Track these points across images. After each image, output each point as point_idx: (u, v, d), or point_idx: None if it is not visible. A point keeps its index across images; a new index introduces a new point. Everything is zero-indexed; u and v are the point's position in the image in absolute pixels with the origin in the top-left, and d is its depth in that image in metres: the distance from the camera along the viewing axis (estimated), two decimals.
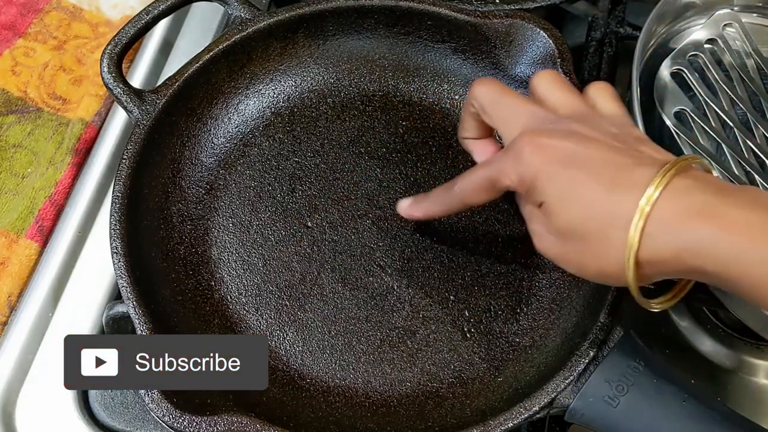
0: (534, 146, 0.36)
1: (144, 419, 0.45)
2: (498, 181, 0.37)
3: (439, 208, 0.43)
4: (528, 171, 0.35)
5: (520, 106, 0.39)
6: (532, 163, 0.35)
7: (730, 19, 0.53)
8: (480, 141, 0.44)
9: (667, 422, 0.37)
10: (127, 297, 0.40)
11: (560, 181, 0.35)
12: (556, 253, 0.37)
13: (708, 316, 0.53)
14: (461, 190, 0.40)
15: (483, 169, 0.39)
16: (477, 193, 0.39)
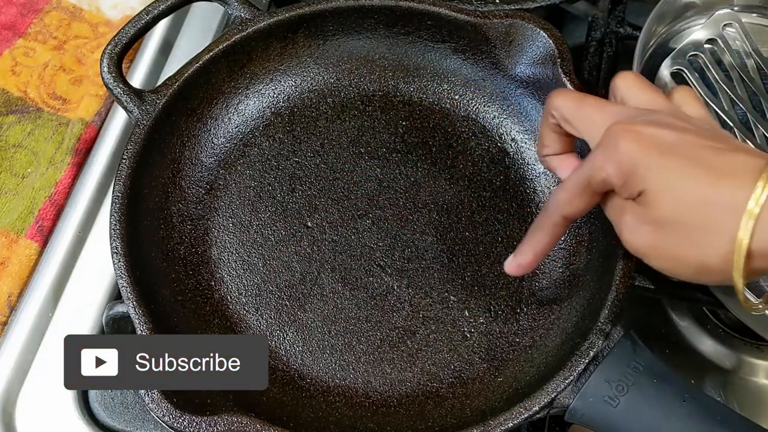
0: (630, 134, 0.34)
1: (144, 419, 0.45)
2: (593, 179, 0.36)
3: (542, 238, 0.40)
4: (626, 159, 0.34)
5: (605, 108, 0.38)
6: (630, 151, 0.34)
7: (730, 19, 0.53)
8: (562, 156, 0.42)
9: (667, 422, 0.37)
10: (127, 297, 0.40)
11: (662, 168, 0.33)
12: (650, 246, 0.35)
13: (708, 316, 0.53)
14: (556, 204, 0.39)
15: (575, 173, 0.37)
16: (573, 201, 0.38)
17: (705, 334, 0.52)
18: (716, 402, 0.38)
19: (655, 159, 0.34)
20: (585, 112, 0.38)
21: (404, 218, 0.48)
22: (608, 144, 0.35)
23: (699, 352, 0.52)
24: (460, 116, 0.51)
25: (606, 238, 0.44)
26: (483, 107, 0.51)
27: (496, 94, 0.51)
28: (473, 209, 0.49)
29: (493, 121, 0.51)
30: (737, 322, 0.51)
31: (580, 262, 0.46)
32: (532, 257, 0.41)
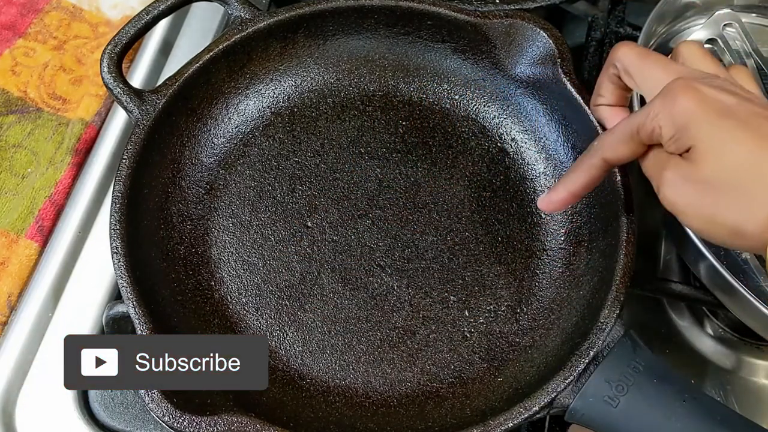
0: (692, 91, 0.35)
1: (144, 419, 0.45)
2: (644, 127, 0.36)
3: (579, 177, 0.41)
4: (681, 113, 0.34)
5: (669, 65, 0.38)
6: (688, 107, 0.34)
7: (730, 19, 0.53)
8: (614, 108, 0.43)
9: (667, 422, 0.37)
10: (127, 297, 0.40)
11: (716, 128, 0.34)
12: (688, 203, 0.35)
13: (708, 316, 0.53)
14: (600, 146, 0.39)
15: (626, 119, 0.38)
16: (618, 146, 0.38)
17: (705, 334, 0.52)
18: (716, 402, 0.38)
19: (712, 118, 0.34)
20: (647, 66, 0.38)
21: (404, 218, 0.48)
22: (668, 96, 0.35)
23: (699, 352, 0.52)
24: (460, 116, 0.51)
25: (606, 238, 0.44)
26: (483, 107, 0.51)
27: (496, 94, 0.51)
28: (473, 209, 0.49)
29: (493, 121, 0.51)
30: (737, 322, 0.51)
31: (580, 262, 0.46)
32: (565, 194, 0.41)
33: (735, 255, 0.47)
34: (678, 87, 0.35)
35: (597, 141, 0.40)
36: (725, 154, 0.33)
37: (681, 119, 0.34)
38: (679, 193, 0.35)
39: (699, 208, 0.34)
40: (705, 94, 0.35)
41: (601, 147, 0.39)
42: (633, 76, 0.39)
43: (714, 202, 0.34)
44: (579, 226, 0.47)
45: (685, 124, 0.34)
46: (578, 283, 0.45)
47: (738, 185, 0.33)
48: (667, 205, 0.36)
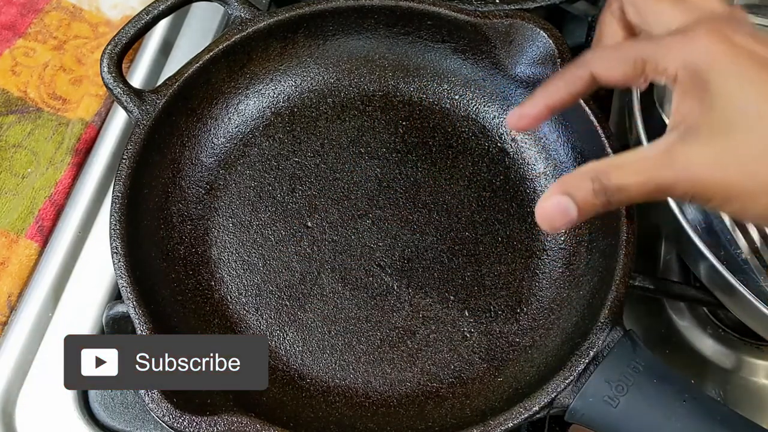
0: (720, 36, 0.31)
1: (144, 419, 0.45)
2: (654, 60, 0.32)
3: (559, 88, 0.35)
4: (703, 59, 0.31)
5: (683, 1, 0.34)
6: (713, 53, 0.30)
7: None
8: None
9: (667, 422, 0.37)
10: (127, 297, 0.40)
11: (746, 79, 0.30)
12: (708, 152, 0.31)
13: (708, 316, 0.53)
14: (592, 57, 0.34)
15: (635, 42, 0.33)
16: (614, 64, 0.33)
17: (705, 334, 0.52)
18: (716, 402, 0.38)
19: (744, 70, 0.30)
20: (657, 11, 0.34)
21: (404, 218, 0.48)
22: (694, 36, 0.31)
23: (699, 352, 0.52)
24: (460, 116, 0.51)
25: (606, 238, 0.44)
26: (483, 107, 0.51)
27: (496, 94, 0.51)
28: (473, 209, 0.49)
29: (493, 121, 0.51)
30: (737, 322, 0.51)
31: (580, 262, 0.46)
32: (541, 107, 0.36)
33: (735, 255, 0.47)
34: (705, 29, 0.31)
35: (590, 53, 0.35)
36: (752, 101, 0.30)
37: (703, 66, 0.31)
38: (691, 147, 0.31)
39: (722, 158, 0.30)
40: (736, 42, 0.31)
41: (593, 60, 0.34)
42: (639, 8, 0.35)
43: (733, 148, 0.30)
44: (579, 226, 0.47)
45: (707, 76, 0.31)
46: (578, 283, 0.45)
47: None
48: (679, 166, 0.31)
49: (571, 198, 0.32)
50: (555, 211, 0.33)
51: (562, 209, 0.32)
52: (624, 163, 0.32)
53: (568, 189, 0.32)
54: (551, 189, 0.33)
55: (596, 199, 0.32)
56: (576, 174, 0.33)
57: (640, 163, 0.32)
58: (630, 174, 0.32)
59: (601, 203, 0.32)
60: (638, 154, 0.32)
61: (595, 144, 0.45)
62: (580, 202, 0.32)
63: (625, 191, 0.32)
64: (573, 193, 0.32)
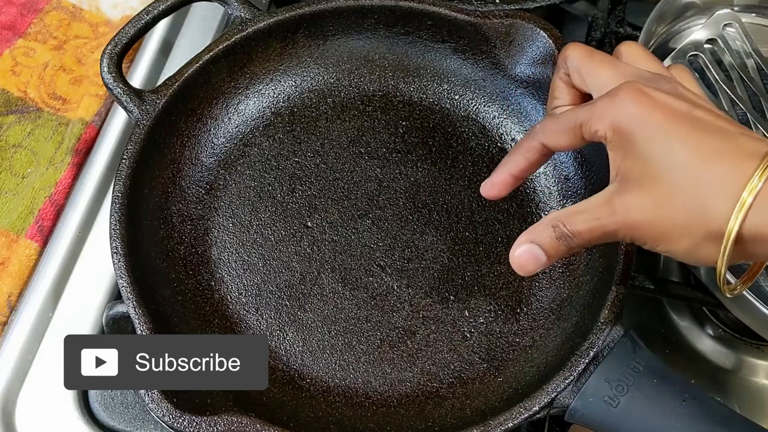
0: (639, 95, 0.34)
1: (144, 419, 0.45)
2: (587, 125, 0.36)
3: (517, 160, 0.40)
4: (626, 119, 0.34)
5: (617, 64, 0.38)
6: (633, 113, 0.34)
7: (730, 19, 0.53)
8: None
9: (667, 422, 0.37)
10: (127, 297, 0.40)
11: (665, 133, 0.33)
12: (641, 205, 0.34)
13: (708, 316, 0.53)
14: (541, 129, 0.38)
15: (573, 111, 0.37)
16: (557, 134, 0.37)
17: (705, 334, 0.52)
18: (716, 402, 0.38)
19: (661, 124, 0.33)
20: (595, 64, 0.38)
21: (404, 218, 0.48)
22: (614, 99, 0.35)
23: (699, 352, 0.52)
24: (460, 116, 0.51)
25: None
26: (483, 107, 0.51)
27: (496, 94, 0.51)
28: (473, 209, 0.49)
29: (493, 121, 0.51)
30: (737, 322, 0.51)
31: (580, 262, 0.46)
32: (505, 176, 0.40)
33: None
34: (626, 92, 0.34)
35: (539, 124, 0.39)
36: (677, 159, 0.33)
37: (625, 125, 0.34)
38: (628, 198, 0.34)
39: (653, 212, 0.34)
40: (656, 98, 0.34)
41: (541, 131, 0.39)
42: (581, 74, 0.39)
43: (664, 206, 0.33)
44: None
45: (631, 132, 0.34)
46: (578, 283, 0.45)
47: (691, 191, 0.33)
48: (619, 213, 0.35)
49: (537, 245, 0.37)
50: (525, 258, 0.37)
51: (531, 256, 0.37)
52: (578, 211, 0.36)
53: (533, 237, 0.37)
54: (520, 238, 0.37)
55: (559, 244, 0.36)
56: (540, 223, 0.37)
57: (590, 211, 0.36)
58: (581, 222, 0.36)
59: (564, 247, 0.36)
60: (589, 203, 0.36)
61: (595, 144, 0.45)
62: (546, 247, 0.37)
63: (579, 236, 0.36)
64: (538, 241, 0.37)
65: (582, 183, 0.48)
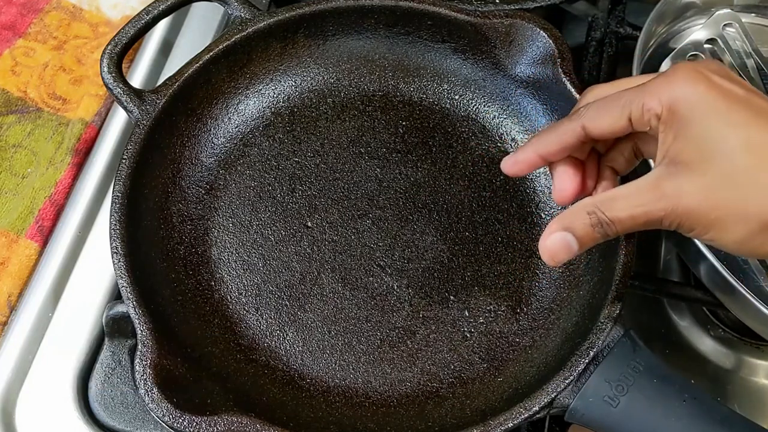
0: (697, 75, 0.33)
1: (144, 419, 0.45)
2: (637, 102, 0.34)
3: (550, 139, 0.37)
4: (683, 98, 0.33)
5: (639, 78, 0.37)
6: (691, 92, 0.33)
7: (730, 19, 0.53)
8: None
9: (667, 422, 0.37)
10: (127, 297, 0.40)
11: (724, 116, 0.32)
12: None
13: (708, 316, 0.53)
14: (585, 111, 0.36)
15: (621, 92, 0.35)
16: (604, 115, 0.35)
17: (705, 334, 0.52)
18: (716, 402, 0.38)
19: (722, 107, 0.32)
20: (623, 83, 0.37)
21: (404, 218, 0.48)
22: (673, 77, 0.33)
23: (699, 352, 0.52)
24: (460, 116, 0.51)
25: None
26: (483, 107, 0.51)
27: (496, 94, 0.51)
28: (473, 209, 0.49)
29: (493, 121, 0.51)
30: (737, 322, 0.51)
31: (580, 262, 0.46)
32: (533, 155, 0.38)
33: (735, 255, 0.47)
34: (684, 69, 0.33)
35: (582, 108, 0.37)
36: (732, 138, 0.32)
37: (684, 104, 0.33)
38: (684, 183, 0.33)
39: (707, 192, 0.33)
40: (713, 80, 0.33)
41: (585, 113, 0.37)
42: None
43: (717, 185, 0.32)
44: None
45: (688, 113, 0.33)
46: (578, 283, 0.45)
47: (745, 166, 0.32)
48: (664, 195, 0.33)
49: (570, 232, 0.35)
50: (558, 247, 0.35)
51: (564, 244, 0.35)
52: (617, 196, 0.35)
53: (567, 224, 0.35)
54: (552, 225, 0.35)
55: (594, 232, 0.35)
56: (574, 209, 0.35)
57: (632, 197, 0.34)
58: (623, 208, 0.34)
59: (599, 235, 0.35)
60: (630, 188, 0.35)
61: None
62: (580, 235, 0.35)
63: (619, 224, 0.34)
64: (572, 228, 0.35)
65: None
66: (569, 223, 0.35)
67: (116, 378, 0.45)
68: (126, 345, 0.46)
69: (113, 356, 0.46)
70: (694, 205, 0.33)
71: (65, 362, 0.45)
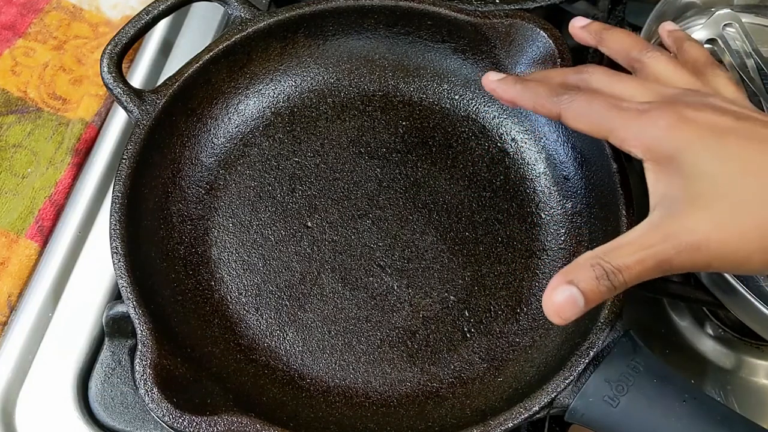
0: (676, 119, 0.33)
1: (144, 419, 0.45)
2: (618, 137, 0.34)
3: (523, 92, 0.39)
4: (666, 143, 0.33)
5: (645, 84, 0.37)
6: (674, 136, 0.32)
7: (730, 19, 0.53)
8: None
9: (667, 422, 0.37)
10: (127, 297, 0.40)
11: (713, 151, 0.32)
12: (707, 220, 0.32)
13: (708, 316, 0.53)
14: (567, 103, 0.36)
15: (611, 105, 0.35)
16: (583, 119, 0.36)
17: (705, 334, 0.52)
18: (716, 402, 0.38)
19: (710, 143, 0.32)
20: (621, 87, 0.37)
21: (404, 218, 0.48)
22: (653, 121, 0.33)
23: (699, 352, 0.52)
24: (460, 116, 0.51)
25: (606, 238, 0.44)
26: (483, 107, 0.51)
27: None
28: (473, 209, 0.49)
29: (493, 121, 0.51)
30: (737, 322, 0.51)
31: None
32: (509, 98, 0.40)
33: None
34: (662, 112, 0.33)
35: (568, 93, 0.37)
36: (727, 170, 0.32)
37: (668, 148, 0.33)
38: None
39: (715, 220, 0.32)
40: (692, 119, 0.33)
41: (569, 105, 0.37)
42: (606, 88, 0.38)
43: (729, 213, 0.32)
44: (579, 226, 0.47)
45: (676, 156, 0.33)
46: None
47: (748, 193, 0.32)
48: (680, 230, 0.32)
49: (575, 287, 0.33)
50: (565, 304, 0.33)
51: (570, 300, 0.33)
52: (621, 244, 0.33)
53: (571, 278, 0.33)
54: (554, 280, 0.33)
55: (600, 285, 0.33)
56: (576, 263, 0.34)
57: (637, 241, 0.33)
58: (628, 254, 0.33)
59: (606, 288, 0.33)
60: (632, 234, 0.34)
61: (595, 144, 0.45)
62: (585, 290, 0.33)
63: (627, 271, 0.33)
64: (577, 282, 0.33)
65: (582, 183, 0.48)
66: (573, 276, 0.33)
67: (116, 378, 0.45)
68: (126, 345, 0.46)
69: (113, 356, 0.46)
70: (703, 239, 0.32)
71: (65, 362, 0.46)
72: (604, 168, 0.45)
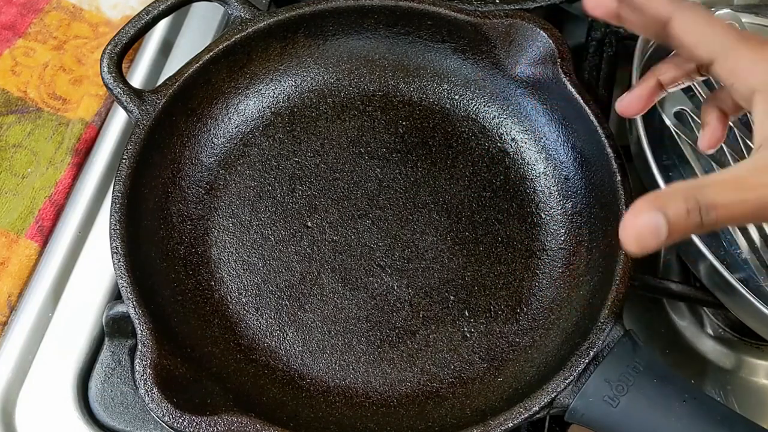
0: None
1: (144, 419, 0.45)
2: (726, 57, 0.32)
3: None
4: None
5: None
6: None
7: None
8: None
9: (667, 422, 0.37)
10: (127, 297, 0.40)
11: None
12: None
13: (708, 316, 0.53)
14: (683, 10, 0.33)
15: (728, 26, 0.33)
16: (698, 31, 0.33)
17: (705, 334, 0.52)
18: (716, 402, 0.38)
19: None
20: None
21: (404, 218, 0.48)
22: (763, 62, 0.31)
23: (699, 352, 0.52)
24: (460, 116, 0.51)
25: (606, 238, 0.44)
26: (483, 107, 0.51)
27: (496, 94, 0.51)
28: (473, 209, 0.49)
29: (493, 121, 0.51)
30: (737, 322, 0.51)
31: (580, 262, 0.46)
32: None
33: (735, 255, 0.47)
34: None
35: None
36: None
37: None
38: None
39: None
40: None
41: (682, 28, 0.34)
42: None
43: None
44: (579, 226, 0.47)
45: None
46: (578, 283, 0.45)
47: None
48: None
49: (662, 214, 0.29)
50: (647, 230, 0.30)
51: (653, 228, 0.29)
52: (717, 181, 0.31)
53: (660, 205, 0.30)
54: (640, 204, 0.30)
55: (688, 218, 0.30)
56: (667, 191, 0.30)
57: (738, 181, 0.30)
58: (728, 191, 0.30)
59: (694, 224, 0.30)
60: (731, 172, 0.31)
61: (595, 144, 0.45)
62: (672, 221, 0.29)
63: (721, 209, 0.30)
64: (665, 210, 0.30)
65: (582, 183, 0.48)
66: (662, 203, 0.29)
67: (116, 378, 0.45)
68: (126, 345, 0.46)
69: (113, 356, 0.46)
70: None
71: (65, 362, 0.46)
72: (604, 168, 0.45)
